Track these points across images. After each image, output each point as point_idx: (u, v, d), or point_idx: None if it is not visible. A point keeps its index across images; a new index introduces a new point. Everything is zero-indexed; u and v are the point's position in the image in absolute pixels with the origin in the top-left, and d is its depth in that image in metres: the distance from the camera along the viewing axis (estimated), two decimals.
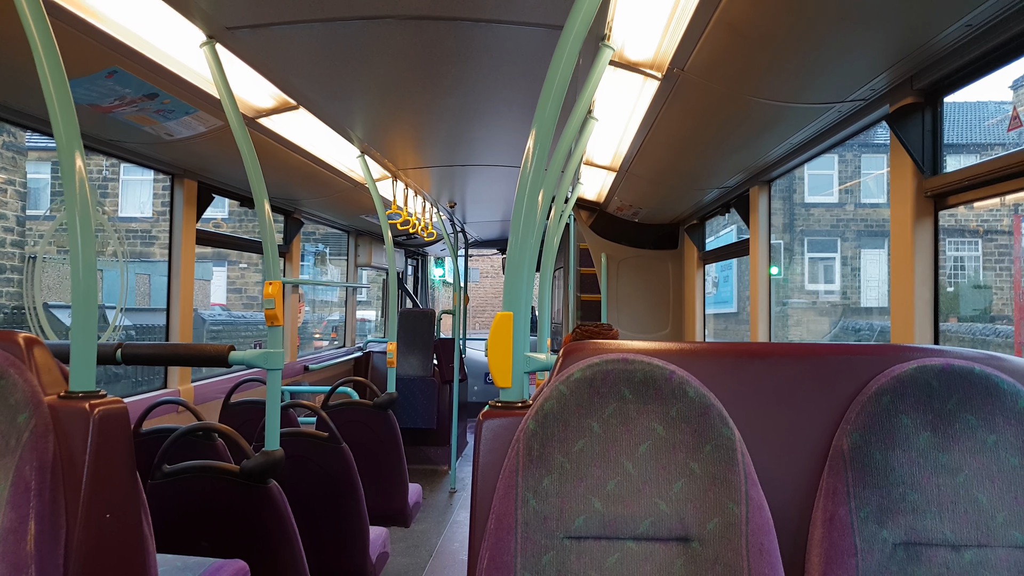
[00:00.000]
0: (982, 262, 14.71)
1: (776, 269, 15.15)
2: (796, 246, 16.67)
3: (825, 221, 16.63)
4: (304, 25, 1.89)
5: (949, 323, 12.77)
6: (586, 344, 1.25)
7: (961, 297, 14.57)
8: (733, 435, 1.14)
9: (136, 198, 14.16)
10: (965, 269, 14.84)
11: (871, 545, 1.12)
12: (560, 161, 1.74)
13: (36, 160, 13.10)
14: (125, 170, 13.82)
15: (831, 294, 16.41)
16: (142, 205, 14.16)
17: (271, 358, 2.06)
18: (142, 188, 14.10)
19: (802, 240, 16.69)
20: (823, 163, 16.24)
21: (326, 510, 2.67)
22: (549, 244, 2.91)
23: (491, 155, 3.54)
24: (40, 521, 1.23)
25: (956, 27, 1.56)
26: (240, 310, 14.88)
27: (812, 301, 16.51)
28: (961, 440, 1.14)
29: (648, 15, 1.89)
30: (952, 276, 14.71)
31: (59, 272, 6.02)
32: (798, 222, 16.74)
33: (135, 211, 14.15)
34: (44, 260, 10.37)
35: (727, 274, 15.79)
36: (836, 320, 15.85)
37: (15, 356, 1.34)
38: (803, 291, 16.59)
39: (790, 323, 16.14)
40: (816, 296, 16.52)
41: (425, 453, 6.20)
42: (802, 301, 16.54)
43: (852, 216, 16.48)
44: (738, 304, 15.77)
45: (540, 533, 1.12)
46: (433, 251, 8.47)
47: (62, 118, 1.40)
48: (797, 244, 16.66)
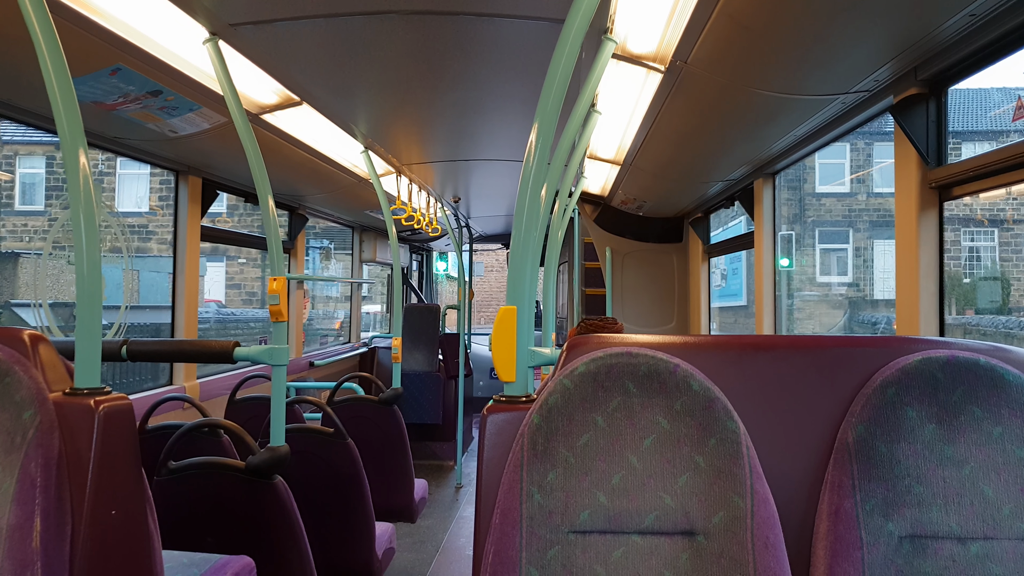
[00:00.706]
0: (998, 252, 14.19)
1: (787, 261, 14.43)
2: (807, 237, 16.02)
3: (837, 211, 15.96)
4: (307, 21, 1.88)
5: (967, 315, 12.28)
6: (590, 338, 1.25)
7: (979, 289, 14.04)
8: (738, 428, 1.14)
9: (133, 193, 13.80)
10: (981, 260, 14.29)
11: (877, 538, 1.12)
12: (563, 155, 1.74)
13: (28, 155, 12.99)
14: (122, 164, 13.27)
15: (843, 286, 15.98)
16: (139, 200, 13.78)
17: (276, 354, 2.07)
18: (139, 183, 13.70)
19: (813, 231, 16.03)
20: (834, 152, 15.78)
21: (332, 506, 2.68)
22: (553, 238, 2.91)
23: (495, 149, 3.54)
24: (46, 518, 1.24)
25: (959, 17, 1.55)
26: (239, 306, 14.47)
27: (824, 294, 15.87)
28: (967, 432, 1.14)
29: (650, 8, 1.88)
30: (967, 266, 14.18)
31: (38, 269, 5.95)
32: (809, 212, 16.08)
33: (132, 206, 13.77)
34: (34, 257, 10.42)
35: (736, 266, 15.41)
36: (849, 313, 15.40)
37: (20, 353, 1.34)
38: (814, 283, 15.92)
39: (800, 316, 15.56)
40: (828, 288, 15.82)
41: (431, 448, 6.21)
42: (813, 294, 15.91)
43: (864, 206, 16.02)
44: (748, 297, 15.60)
45: (545, 528, 1.12)
46: (438, 246, 8.47)
47: (66, 116, 1.40)
48: (808, 235, 16.01)
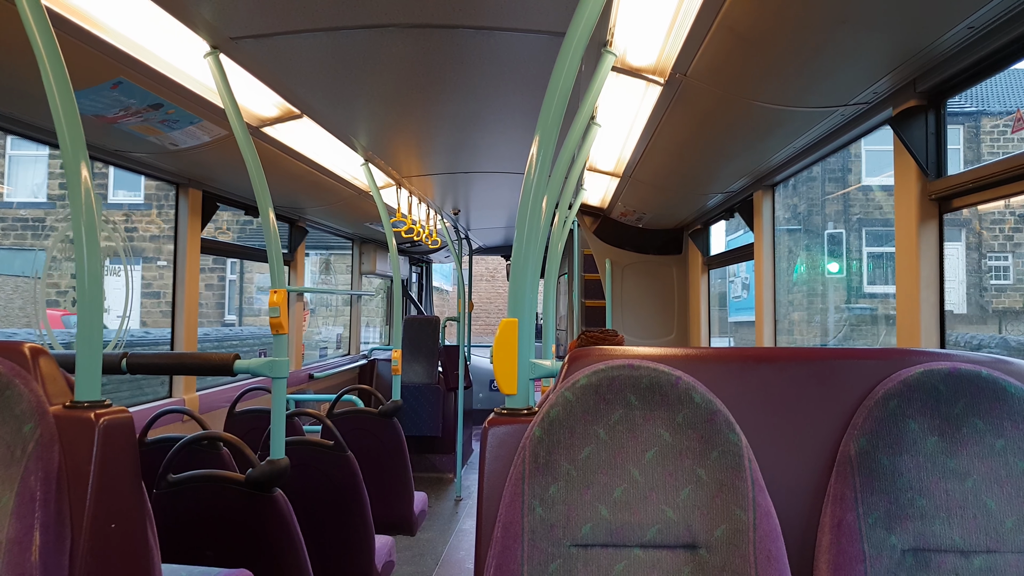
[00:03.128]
0: None
1: (836, 266, 12.38)
2: (852, 238, 13.20)
3: (888, 207, 12.82)
4: (307, 35, 1.89)
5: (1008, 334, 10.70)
6: (591, 350, 1.24)
7: None
8: (740, 441, 1.13)
9: (27, 179, 11.02)
10: None
11: (879, 551, 1.11)
12: (563, 167, 1.74)
13: None
14: (13, 143, 10.43)
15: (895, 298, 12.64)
16: (35, 188, 11.03)
17: (276, 367, 2.07)
18: (36, 166, 10.91)
19: (859, 230, 13.15)
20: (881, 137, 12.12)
21: (331, 519, 2.66)
22: (553, 250, 2.91)
23: (494, 162, 3.55)
24: (45, 531, 1.23)
25: (958, 29, 1.56)
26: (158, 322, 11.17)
27: (871, 307, 12.78)
28: (969, 445, 1.14)
29: (650, 21, 1.89)
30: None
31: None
32: (853, 209, 13.18)
33: (26, 194, 10.93)
34: None
35: None
36: None
37: (20, 366, 1.34)
38: (861, 294, 13.04)
39: (839, 336, 12.55)
40: (879, 300, 12.59)
41: (430, 461, 6.19)
42: (861, 307, 12.89)
43: None
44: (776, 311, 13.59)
45: (547, 541, 1.11)
46: (437, 258, 8.48)
47: (68, 129, 1.41)
48: (853, 235, 13.19)
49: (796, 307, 12.89)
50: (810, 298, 12.93)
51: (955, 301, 12.02)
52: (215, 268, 13.09)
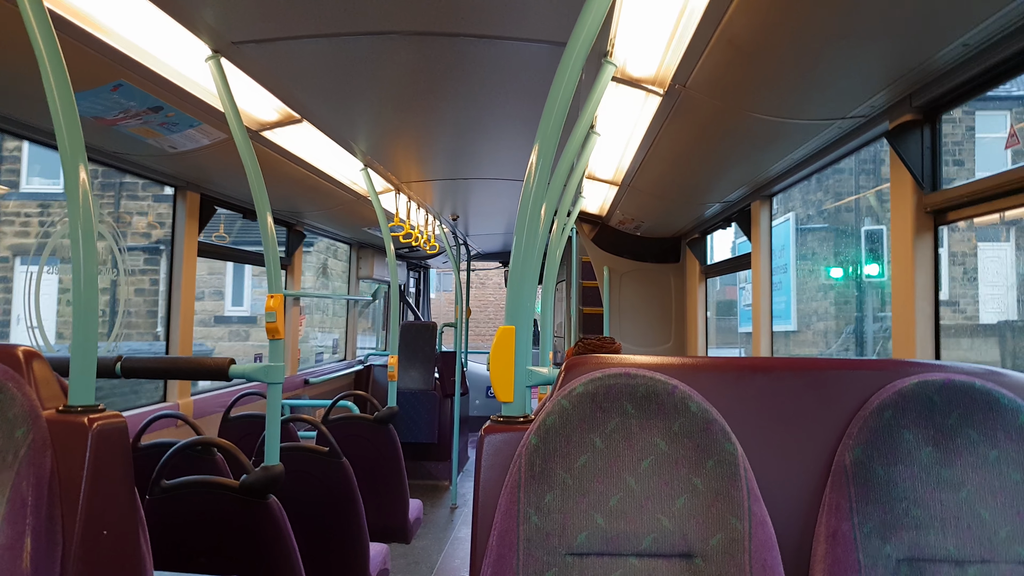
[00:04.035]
0: None
1: (876, 268, 10.08)
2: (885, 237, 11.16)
3: None
4: (309, 40, 1.90)
5: None
6: (588, 358, 1.25)
7: None
8: (735, 450, 1.13)
9: None
10: None
11: (875, 561, 1.11)
12: (563, 175, 1.75)
13: None
14: None
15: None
16: None
17: (271, 372, 2.06)
18: None
19: None
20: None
21: (326, 526, 2.65)
22: (551, 257, 2.92)
23: (493, 168, 3.56)
24: (36, 537, 1.22)
25: (954, 46, 1.57)
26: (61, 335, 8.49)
27: None
28: (963, 455, 1.14)
29: (650, 32, 1.90)
30: None
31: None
32: (888, 203, 10.84)
33: None
34: None
35: (779, 278, 11.46)
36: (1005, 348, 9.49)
37: (13, 369, 1.33)
38: None
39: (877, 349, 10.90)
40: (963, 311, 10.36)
41: (426, 468, 6.17)
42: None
43: None
44: (798, 320, 11.42)
45: (542, 550, 1.11)
46: (435, 263, 8.48)
47: (67, 131, 1.41)
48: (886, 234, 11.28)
49: (822, 316, 11.48)
50: (839, 306, 11.32)
51: (1000, 308, 10.25)
52: (147, 270, 9.91)
